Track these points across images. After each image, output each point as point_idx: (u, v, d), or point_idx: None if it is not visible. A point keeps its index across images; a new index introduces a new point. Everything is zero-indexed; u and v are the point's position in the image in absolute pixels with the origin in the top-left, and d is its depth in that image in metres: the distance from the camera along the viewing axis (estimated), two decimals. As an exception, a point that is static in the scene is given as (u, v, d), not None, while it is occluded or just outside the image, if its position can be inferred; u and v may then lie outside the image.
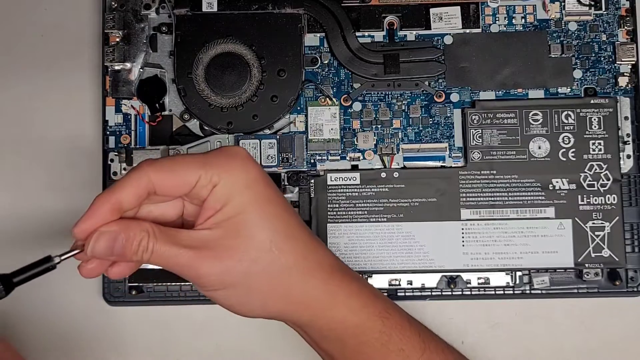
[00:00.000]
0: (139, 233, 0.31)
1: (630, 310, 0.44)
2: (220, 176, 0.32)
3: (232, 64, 0.43)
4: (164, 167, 0.32)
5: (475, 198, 0.43)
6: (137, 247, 0.31)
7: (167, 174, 0.32)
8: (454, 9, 0.44)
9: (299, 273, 0.33)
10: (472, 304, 0.44)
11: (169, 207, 0.34)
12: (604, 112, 0.43)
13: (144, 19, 0.44)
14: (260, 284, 0.33)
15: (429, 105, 0.44)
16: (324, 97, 0.44)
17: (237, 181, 0.32)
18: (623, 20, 0.44)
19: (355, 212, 0.43)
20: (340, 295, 0.34)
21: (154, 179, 0.32)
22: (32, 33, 0.46)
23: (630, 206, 0.43)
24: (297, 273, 0.33)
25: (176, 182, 0.32)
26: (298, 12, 0.44)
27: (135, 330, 0.44)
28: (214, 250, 0.32)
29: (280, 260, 0.33)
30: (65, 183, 0.44)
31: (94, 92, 0.45)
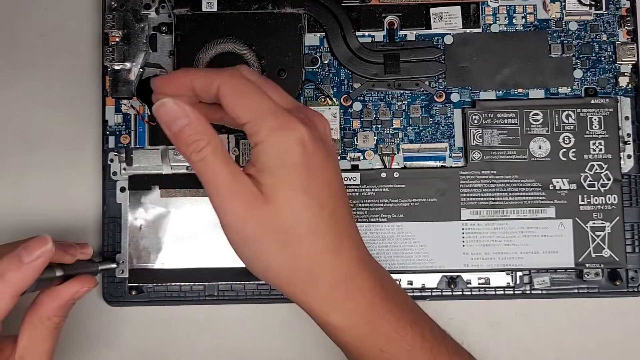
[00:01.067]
0: (205, 137, 0.33)
1: (631, 310, 0.44)
2: (262, 139, 0.33)
3: (232, 64, 0.42)
4: (235, 89, 0.33)
5: (475, 198, 0.43)
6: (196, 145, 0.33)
7: (231, 98, 0.33)
8: (454, 9, 0.44)
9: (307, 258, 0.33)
10: (472, 304, 0.44)
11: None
12: (605, 112, 0.43)
13: (144, 19, 0.44)
14: (267, 252, 0.33)
15: (429, 105, 0.44)
16: (324, 97, 0.44)
17: (272, 156, 0.33)
18: (623, 20, 0.44)
19: (355, 212, 0.43)
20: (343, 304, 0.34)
21: (221, 91, 0.33)
22: (32, 33, 0.45)
23: (630, 206, 0.43)
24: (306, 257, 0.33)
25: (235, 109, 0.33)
26: (298, 12, 0.43)
27: (135, 330, 0.44)
28: (244, 198, 0.33)
29: (293, 245, 0.33)
30: (65, 183, 0.44)
31: (93, 92, 0.45)
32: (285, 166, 0.33)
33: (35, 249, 0.33)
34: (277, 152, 0.33)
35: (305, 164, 0.33)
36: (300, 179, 0.33)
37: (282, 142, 0.33)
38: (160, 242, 0.42)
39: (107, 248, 0.43)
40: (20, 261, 0.33)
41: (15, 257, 0.33)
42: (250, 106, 0.33)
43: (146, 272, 0.42)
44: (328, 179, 0.34)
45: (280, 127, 0.32)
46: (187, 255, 0.42)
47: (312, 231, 0.33)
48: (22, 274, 0.33)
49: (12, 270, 0.32)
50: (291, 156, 0.33)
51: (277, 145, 0.33)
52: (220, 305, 0.43)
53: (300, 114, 0.34)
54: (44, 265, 0.33)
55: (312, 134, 0.33)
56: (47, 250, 0.33)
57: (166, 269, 0.42)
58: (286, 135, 0.33)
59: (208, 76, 0.33)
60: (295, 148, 0.33)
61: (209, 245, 0.42)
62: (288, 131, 0.33)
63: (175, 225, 0.43)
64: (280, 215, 0.33)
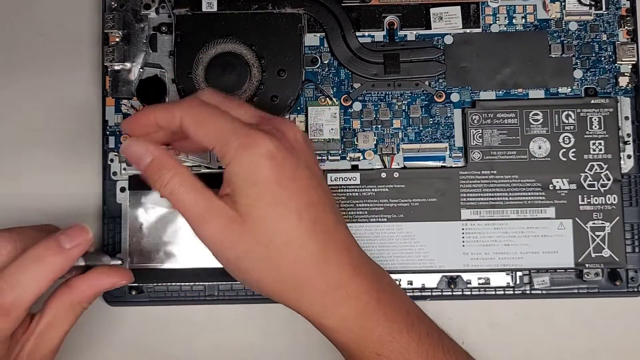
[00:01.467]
0: (169, 171, 0.33)
1: (631, 311, 0.44)
2: (229, 161, 0.33)
3: (232, 64, 0.43)
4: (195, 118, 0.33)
5: (475, 198, 0.43)
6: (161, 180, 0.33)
7: (193, 127, 0.33)
8: (454, 9, 0.44)
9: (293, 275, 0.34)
10: (472, 304, 0.44)
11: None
12: (605, 112, 0.43)
13: (144, 19, 0.44)
14: (250, 267, 0.34)
15: (429, 105, 0.44)
16: (324, 97, 0.44)
17: (242, 177, 0.33)
18: (623, 20, 0.44)
19: (355, 212, 0.43)
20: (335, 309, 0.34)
21: (183, 123, 0.33)
22: (32, 33, 0.45)
23: (630, 206, 0.43)
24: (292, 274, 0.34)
25: (198, 137, 0.33)
26: (298, 12, 0.43)
27: (135, 330, 0.44)
28: (220, 221, 0.33)
29: (275, 259, 0.33)
30: (65, 183, 0.44)
31: (93, 92, 0.45)
32: (256, 184, 0.33)
33: (76, 236, 0.33)
34: (246, 171, 0.33)
35: (276, 178, 0.33)
36: (272, 194, 0.33)
37: (248, 161, 0.33)
38: (160, 242, 0.42)
39: (107, 248, 0.43)
40: (60, 246, 0.33)
41: (54, 241, 0.33)
42: (212, 131, 0.33)
43: (146, 272, 0.42)
44: (303, 189, 0.34)
45: (245, 146, 0.33)
46: (187, 255, 0.42)
47: (291, 242, 0.33)
48: (62, 259, 0.33)
49: (52, 254, 0.33)
50: (260, 173, 0.33)
51: (244, 165, 0.33)
52: (220, 305, 0.43)
53: (267, 126, 0.34)
54: (80, 254, 0.34)
55: (281, 145, 0.33)
56: (87, 239, 0.34)
57: (166, 269, 0.42)
58: (252, 154, 0.33)
59: (169, 110, 0.34)
60: (263, 164, 0.33)
61: (209, 245, 0.42)
62: (253, 148, 0.33)
63: (176, 225, 0.43)
64: (257, 233, 0.33)
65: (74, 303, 0.35)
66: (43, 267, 0.32)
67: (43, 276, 0.32)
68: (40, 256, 0.33)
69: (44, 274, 0.32)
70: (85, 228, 0.34)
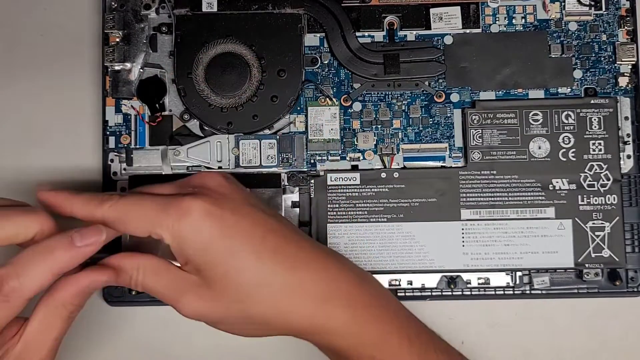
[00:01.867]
0: (127, 273, 0.34)
1: (631, 311, 0.44)
2: (170, 241, 0.33)
3: (232, 64, 0.43)
4: (117, 215, 0.33)
5: (475, 198, 0.43)
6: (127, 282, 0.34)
7: (121, 224, 0.33)
8: (454, 9, 0.44)
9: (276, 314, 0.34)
10: (472, 304, 0.44)
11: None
12: (604, 112, 0.43)
13: (144, 19, 0.44)
14: (237, 322, 0.34)
15: (429, 105, 0.44)
16: (324, 97, 0.44)
17: (189, 250, 0.33)
18: (623, 20, 0.44)
19: (355, 212, 0.43)
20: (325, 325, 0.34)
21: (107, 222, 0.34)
22: (32, 33, 0.45)
23: (630, 206, 0.43)
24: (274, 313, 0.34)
25: (129, 231, 0.34)
26: (298, 12, 0.43)
27: (135, 330, 0.44)
28: (191, 294, 0.34)
29: (253, 307, 0.33)
30: (65, 183, 0.44)
31: (93, 92, 0.45)
32: (206, 247, 0.33)
33: (89, 235, 0.33)
34: (191, 241, 0.33)
35: (220, 232, 0.33)
36: (223, 251, 0.33)
37: (188, 231, 0.33)
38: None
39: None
40: (71, 243, 0.32)
41: (67, 237, 0.33)
42: (141, 221, 0.33)
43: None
44: (250, 226, 0.34)
45: (179, 218, 0.33)
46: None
47: (260, 284, 0.33)
48: (70, 256, 0.32)
49: (61, 249, 0.32)
50: (204, 236, 0.33)
51: (187, 236, 0.33)
52: (220, 305, 0.43)
53: (187, 188, 0.34)
54: (92, 253, 0.33)
55: (210, 199, 0.33)
56: (99, 240, 0.33)
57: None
58: (189, 222, 0.32)
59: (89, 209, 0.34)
60: (203, 225, 0.33)
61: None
62: (187, 216, 0.33)
63: (175, 226, 0.43)
64: (227, 291, 0.33)
65: (58, 305, 0.34)
66: (50, 259, 0.32)
67: (48, 268, 0.32)
68: (49, 248, 0.32)
69: (49, 266, 0.32)
70: (101, 229, 0.33)
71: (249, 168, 0.43)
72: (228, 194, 0.35)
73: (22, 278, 0.32)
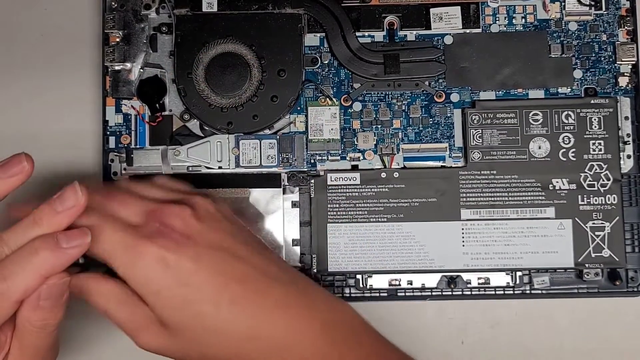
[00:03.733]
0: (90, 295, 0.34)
1: (630, 310, 0.44)
2: (122, 274, 0.33)
3: (232, 64, 0.43)
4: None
5: (475, 198, 0.43)
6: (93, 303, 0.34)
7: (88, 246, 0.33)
8: (454, 9, 0.44)
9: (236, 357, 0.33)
10: (472, 304, 0.44)
11: None
12: (604, 112, 0.43)
13: (144, 19, 0.44)
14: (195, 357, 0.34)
15: (429, 105, 0.44)
16: (324, 97, 0.44)
17: (143, 288, 0.32)
18: (623, 20, 0.44)
19: (355, 212, 0.43)
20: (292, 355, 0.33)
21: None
22: (32, 33, 0.46)
23: (630, 206, 0.43)
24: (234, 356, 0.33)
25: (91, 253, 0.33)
26: (298, 12, 0.43)
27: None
28: (150, 330, 0.33)
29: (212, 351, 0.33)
30: (65, 183, 0.44)
31: (94, 92, 0.45)
32: (158, 292, 0.32)
33: (75, 237, 0.32)
34: (144, 283, 0.32)
35: (174, 279, 0.32)
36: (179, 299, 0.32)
37: (142, 274, 0.32)
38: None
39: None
40: (57, 244, 0.32)
41: (52, 237, 0.32)
42: (99, 249, 0.33)
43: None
44: (211, 274, 0.32)
45: (132, 261, 0.32)
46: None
47: (217, 331, 0.32)
48: (56, 257, 0.31)
49: (47, 249, 0.31)
50: (157, 281, 0.32)
51: (140, 278, 0.32)
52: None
53: (154, 222, 0.33)
54: (79, 255, 0.32)
55: (170, 243, 0.32)
56: (85, 242, 0.32)
57: None
58: (142, 266, 0.32)
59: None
60: (156, 271, 0.32)
61: (209, 245, 0.42)
62: (140, 260, 0.32)
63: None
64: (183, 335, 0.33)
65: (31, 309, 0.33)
66: (35, 261, 0.31)
67: (33, 271, 0.31)
68: (34, 250, 0.31)
69: (35, 268, 0.31)
70: (87, 232, 0.33)
71: (249, 168, 0.43)
72: (195, 235, 0.33)
73: (9, 281, 0.31)
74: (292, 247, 0.43)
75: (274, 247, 0.42)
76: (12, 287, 0.31)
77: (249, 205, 0.43)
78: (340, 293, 0.43)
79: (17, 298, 0.32)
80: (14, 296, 0.31)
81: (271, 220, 0.43)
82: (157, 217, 0.34)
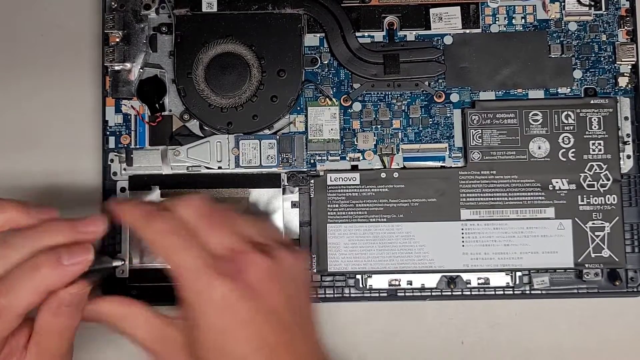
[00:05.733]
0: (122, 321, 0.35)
1: (630, 311, 0.44)
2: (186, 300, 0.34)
3: (232, 64, 0.43)
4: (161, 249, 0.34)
5: (475, 198, 0.43)
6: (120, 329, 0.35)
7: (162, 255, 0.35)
8: (454, 9, 0.44)
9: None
10: (472, 304, 0.44)
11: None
12: (604, 113, 0.43)
13: (144, 19, 0.44)
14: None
15: (428, 106, 0.44)
16: (323, 97, 0.44)
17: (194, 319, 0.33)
18: (623, 21, 0.44)
19: (355, 212, 0.43)
20: None
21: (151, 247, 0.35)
22: (32, 33, 0.46)
23: (630, 206, 0.43)
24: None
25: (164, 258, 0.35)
26: (298, 12, 0.44)
27: (135, 330, 0.44)
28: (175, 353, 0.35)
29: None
30: (65, 183, 0.44)
31: (93, 92, 0.45)
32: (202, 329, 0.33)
33: (77, 255, 0.33)
34: (197, 315, 0.33)
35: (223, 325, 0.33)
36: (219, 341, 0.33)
37: (199, 309, 0.33)
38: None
39: (108, 248, 0.43)
40: (59, 261, 0.33)
41: (55, 255, 0.33)
42: (175, 265, 0.34)
43: (146, 272, 0.42)
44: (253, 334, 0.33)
45: (198, 291, 0.33)
46: (187, 256, 0.42)
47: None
48: (57, 274, 0.33)
49: (48, 266, 0.32)
50: (208, 319, 0.33)
51: (196, 309, 0.33)
52: (220, 305, 0.43)
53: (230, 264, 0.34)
54: (80, 272, 0.33)
55: (236, 289, 0.33)
56: (87, 259, 0.34)
57: (166, 268, 0.42)
58: (202, 300, 0.33)
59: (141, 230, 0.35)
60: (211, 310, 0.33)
61: (209, 245, 0.42)
62: (204, 294, 0.33)
63: (175, 226, 0.43)
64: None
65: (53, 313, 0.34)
66: (37, 277, 0.32)
67: (35, 286, 0.32)
68: (36, 266, 0.33)
69: (36, 284, 0.32)
70: (89, 248, 0.34)
71: (249, 168, 0.43)
72: (263, 292, 0.34)
73: (10, 296, 0.32)
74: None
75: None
76: (13, 302, 0.32)
77: (249, 205, 0.43)
78: (340, 293, 0.43)
79: (20, 312, 0.33)
80: (16, 310, 0.32)
81: (271, 220, 0.43)
82: (239, 260, 0.34)
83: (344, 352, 0.43)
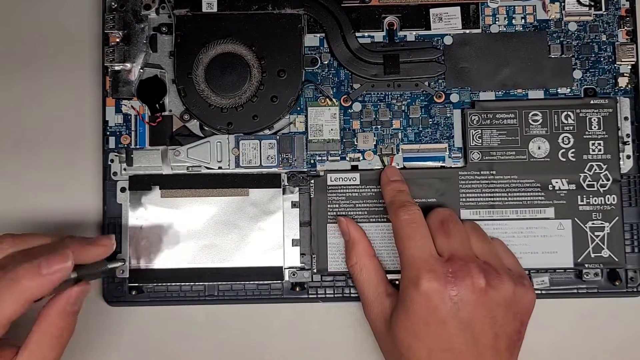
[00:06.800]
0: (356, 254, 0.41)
1: (630, 310, 0.44)
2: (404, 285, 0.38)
3: (232, 65, 0.43)
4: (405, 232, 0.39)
5: (475, 198, 0.43)
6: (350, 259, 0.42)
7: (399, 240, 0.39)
8: (453, 10, 0.44)
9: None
10: (472, 304, 0.44)
11: None
12: (604, 113, 0.43)
13: (144, 19, 0.44)
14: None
15: (428, 106, 0.44)
16: (323, 97, 0.44)
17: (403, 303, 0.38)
18: (623, 21, 0.44)
19: (355, 212, 0.43)
20: None
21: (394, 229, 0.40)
22: (32, 33, 0.46)
23: (629, 206, 0.43)
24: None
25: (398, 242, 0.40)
26: (298, 12, 0.44)
27: (135, 330, 0.44)
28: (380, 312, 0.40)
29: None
30: (65, 183, 0.44)
31: (94, 92, 0.45)
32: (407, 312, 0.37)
33: (55, 263, 0.34)
34: (406, 300, 0.37)
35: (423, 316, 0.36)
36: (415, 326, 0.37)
37: (409, 295, 0.37)
38: (160, 242, 0.43)
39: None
40: (38, 271, 0.34)
41: (35, 266, 0.34)
42: (405, 252, 0.38)
43: (146, 272, 0.42)
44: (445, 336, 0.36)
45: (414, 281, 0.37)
46: (187, 255, 0.42)
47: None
48: (37, 284, 0.34)
49: (28, 278, 0.33)
50: (412, 306, 0.37)
51: (407, 296, 0.37)
52: (220, 305, 0.43)
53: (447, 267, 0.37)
54: (60, 280, 0.34)
55: (444, 291, 0.36)
56: (65, 267, 0.34)
57: (166, 268, 0.42)
58: (414, 289, 0.37)
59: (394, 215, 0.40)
60: (417, 299, 0.36)
61: (209, 245, 0.42)
62: (417, 284, 0.37)
63: (176, 226, 0.43)
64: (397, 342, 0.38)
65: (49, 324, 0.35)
66: (17, 288, 0.33)
67: (15, 298, 0.33)
68: (16, 278, 0.33)
69: (16, 295, 0.33)
70: (67, 256, 0.34)
71: (249, 168, 0.43)
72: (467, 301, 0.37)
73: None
74: (292, 247, 0.43)
75: (274, 247, 0.42)
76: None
77: (249, 205, 0.43)
78: (341, 293, 0.43)
79: (4, 323, 0.34)
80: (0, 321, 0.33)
81: (271, 220, 0.43)
82: (454, 265, 0.37)
83: (344, 352, 0.43)
